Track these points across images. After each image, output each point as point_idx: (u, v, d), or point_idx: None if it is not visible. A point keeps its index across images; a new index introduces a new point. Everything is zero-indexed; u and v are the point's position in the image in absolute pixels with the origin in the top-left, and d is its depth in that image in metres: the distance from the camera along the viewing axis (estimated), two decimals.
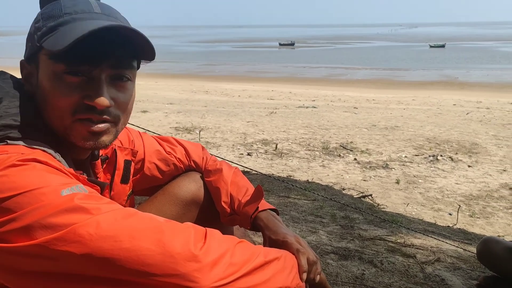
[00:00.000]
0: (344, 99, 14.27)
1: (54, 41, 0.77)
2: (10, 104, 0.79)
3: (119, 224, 0.70)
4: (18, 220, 0.67)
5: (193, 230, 0.76)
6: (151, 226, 0.72)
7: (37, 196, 0.68)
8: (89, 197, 0.72)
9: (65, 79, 0.80)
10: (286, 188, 3.73)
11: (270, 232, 1.07)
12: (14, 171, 0.70)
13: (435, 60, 35.20)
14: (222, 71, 27.49)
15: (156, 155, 1.22)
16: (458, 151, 6.76)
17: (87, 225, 0.68)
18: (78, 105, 0.81)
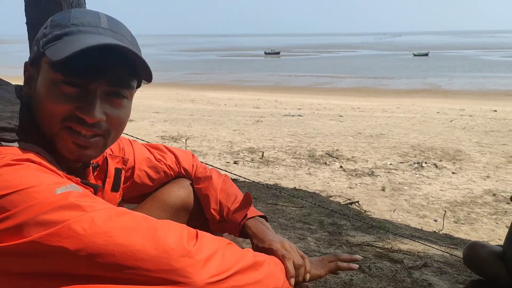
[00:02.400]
0: (329, 108, 14.39)
1: (55, 50, 0.78)
2: (5, 108, 0.80)
3: (113, 220, 0.70)
4: (12, 218, 0.67)
5: (186, 229, 0.77)
6: (144, 223, 0.73)
7: (31, 194, 0.68)
8: (83, 195, 0.73)
9: (61, 88, 0.81)
10: (273, 196, 3.74)
11: (257, 240, 1.08)
12: (8, 170, 0.70)
13: (418, 68, 35.75)
14: (208, 80, 27.51)
15: (146, 162, 1.22)
16: (442, 158, 6.86)
17: (82, 221, 0.68)
18: (70, 115, 0.81)
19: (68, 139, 0.83)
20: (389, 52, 64.13)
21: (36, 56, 0.84)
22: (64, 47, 0.78)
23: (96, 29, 0.83)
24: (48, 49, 0.80)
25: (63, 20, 0.83)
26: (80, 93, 0.81)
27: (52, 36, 0.81)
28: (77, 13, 0.84)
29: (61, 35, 0.81)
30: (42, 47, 0.81)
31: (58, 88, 0.80)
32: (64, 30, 0.81)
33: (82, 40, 0.79)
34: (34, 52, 0.84)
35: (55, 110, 0.81)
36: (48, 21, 0.85)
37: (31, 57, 0.86)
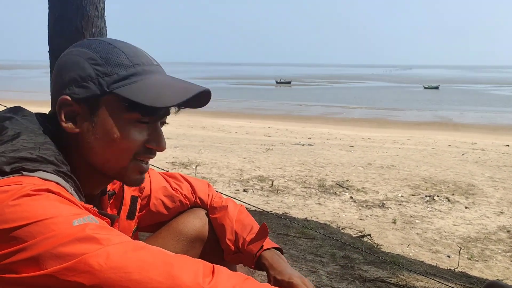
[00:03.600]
0: (340, 137, 14.38)
1: (140, 92, 0.82)
2: (27, 139, 0.80)
3: (129, 255, 0.70)
4: (29, 249, 0.67)
5: (202, 264, 0.76)
6: (160, 259, 0.72)
7: (48, 226, 0.68)
8: (100, 227, 0.73)
9: (135, 125, 0.85)
10: (284, 226, 3.70)
11: (275, 272, 1.06)
12: (27, 201, 0.70)
13: (429, 101, 35.77)
14: (219, 107, 27.74)
15: (163, 191, 1.22)
16: (455, 191, 6.76)
17: (98, 255, 0.68)
18: (140, 148, 0.87)
19: (136, 169, 0.89)
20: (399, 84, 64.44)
21: (93, 94, 0.84)
22: (151, 90, 0.83)
23: (156, 67, 0.88)
24: (120, 89, 0.83)
25: (120, 59, 0.85)
26: (149, 127, 0.87)
27: (119, 77, 0.84)
28: (127, 50, 0.87)
29: (129, 75, 0.84)
30: (108, 87, 0.83)
31: (133, 126, 0.85)
32: (129, 70, 0.84)
33: (163, 82, 0.85)
34: (88, 89, 0.83)
35: (128, 147, 0.86)
36: (92, 56, 0.85)
37: (81, 94, 0.84)
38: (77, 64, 0.84)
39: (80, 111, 0.85)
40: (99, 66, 0.84)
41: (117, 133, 0.84)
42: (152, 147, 0.88)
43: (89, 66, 0.84)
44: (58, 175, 0.80)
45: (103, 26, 2.61)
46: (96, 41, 0.88)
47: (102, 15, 2.61)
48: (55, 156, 0.81)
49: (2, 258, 0.67)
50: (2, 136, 0.79)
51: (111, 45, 0.87)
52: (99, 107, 0.84)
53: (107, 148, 0.85)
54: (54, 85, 0.88)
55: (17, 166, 0.76)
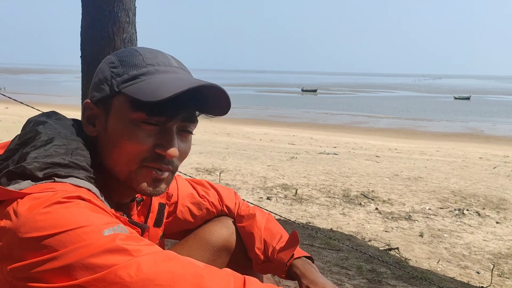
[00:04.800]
0: (365, 147, 14.19)
1: (141, 90, 0.80)
2: (60, 144, 0.81)
3: (159, 267, 0.69)
4: (60, 259, 0.66)
5: (233, 277, 0.74)
6: (191, 270, 0.71)
7: (79, 235, 0.68)
8: (130, 238, 0.72)
9: (142, 127, 0.82)
10: (309, 236, 3.65)
11: (307, 281, 1.04)
12: (58, 208, 0.70)
13: (459, 112, 34.98)
14: (244, 114, 27.84)
15: (190, 198, 1.21)
16: (486, 206, 6.55)
17: (128, 266, 0.67)
18: (149, 153, 0.83)
19: (146, 176, 0.85)
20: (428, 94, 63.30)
21: (106, 95, 0.84)
22: (151, 87, 0.79)
23: (171, 68, 0.85)
24: (127, 88, 0.81)
25: (136, 60, 0.84)
26: (158, 130, 0.83)
27: (129, 76, 0.82)
28: (147, 53, 0.86)
29: (139, 75, 0.82)
30: (117, 86, 0.82)
31: (139, 127, 0.82)
32: (141, 70, 0.82)
33: (167, 79, 0.81)
34: (101, 91, 0.84)
35: (135, 149, 0.83)
36: (112, 59, 0.86)
37: (97, 97, 0.85)
38: (100, 69, 0.86)
39: (99, 114, 0.86)
40: (115, 68, 0.84)
41: (123, 134, 0.82)
42: (160, 151, 0.84)
43: (107, 69, 0.85)
44: (89, 181, 0.80)
45: (134, 32, 2.66)
46: (127, 48, 0.89)
47: (133, 21, 2.65)
48: (86, 162, 0.81)
49: (32, 267, 0.67)
50: (36, 141, 0.80)
51: (136, 50, 0.87)
52: (111, 107, 0.84)
53: (115, 150, 0.84)
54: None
55: (50, 172, 0.76)
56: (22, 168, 0.76)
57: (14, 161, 0.78)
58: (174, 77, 0.82)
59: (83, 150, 0.83)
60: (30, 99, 5.13)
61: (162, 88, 0.78)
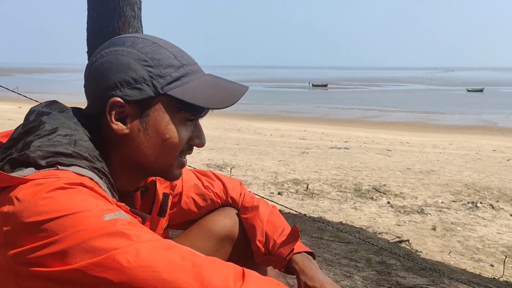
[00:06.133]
0: (377, 141, 14.09)
1: (193, 94, 0.86)
2: (64, 134, 0.81)
3: (159, 254, 0.69)
4: (60, 242, 0.67)
5: (233, 268, 0.74)
6: (190, 259, 0.71)
7: (80, 219, 0.68)
8: (130, 223, 0.72)
9: (184, 124, 0.89)
10: (318, 229, 3.64)
11: (306, 278, 1.03)
12: (60, 194, 0.70)
13: (472, 104, 34.55)
14: (254, 110, 27.84)
15: (194, 189, 1.21)
16: (499, 199, 6.47)
17: (127, 252, 0.67)
18: (185, 146, 0.91)
19: (179, 165, 0.93)
20: (441, 87, 62.60)
21: (148, 96, 0.85)
22: (200, 90, 0.87)
23: (197, 66, 0.91)
24: (174, 91, 0.85)
25: (169, 60, 0.87)
26: (192, 125, 0.91)
27: (172, 78, 0.86)
28: (174, 51, 0.89)
29: (180, 76, 0.87)
30: (162, 88, 0.85)
31: (183, 125, 0.89)
32: (180, 71, 0.87)
33: (211, 83, 0.89)
34: (142, 92, 0.85)
35: (179, 145, 0.89)
36: (143, 57, 0.85)
37: (135, 96, 0.85)
38: (127, 65, 0.84)
39: (131, 112, 0.86)
40: (151, 68, 0.85)
41: (170, 132, 0.87)
42: (195, 143, 0.92)
43: (141, 68, 0.84)
44: (92, 171, 0.80)
45: (140, 27, 2.66)
46: (139, 40, 0.88)
47: (138, 16, 2.66)
48: (89, 153, 0.82)
49: (32, 251, 0.67)
50: (40, 130, 0.81)
51: (155, 44, 0.88)
52: (150, 108, 0.85)
53: (159, 147, 0.87)
54: (97, 85, 0.87)
55: (53, 160, 0.77)
56: (26, 156, 0.76)
57: (17, 149, 0.79)
58: (215, 81, 0.90)
59: (86, 141, 0.83)
60: (43, 97, 5.24)
61: (218, 94, 0.87)
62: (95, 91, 0.87)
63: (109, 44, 0.89)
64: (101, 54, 0.88)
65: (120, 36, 0.91)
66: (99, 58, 0.87)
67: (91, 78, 0.88)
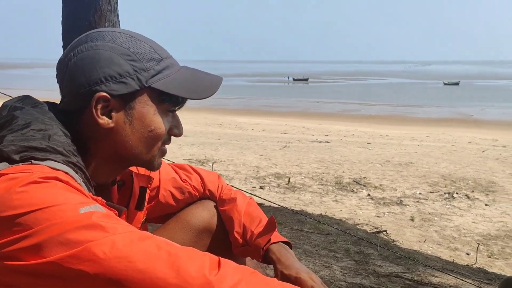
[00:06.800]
0: (357, 135, 14.24)
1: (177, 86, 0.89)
2: (37, 129, 0.81)
3: (135, 245, 0.70)
4: (34, 236, 0.67)
5: (208, 257, 0.75)
6: (166, 249, 0.72)
7: (55, 213, 0.68)
8: (107, 216, 0.73)
9: (166, 115, 0.92)
10: (299, 221, 3.68)
11: (282, 266, 1.05)
12: (35, 188, 0.70)
13: (449, 97, 35.16)
14: (236, 105, 27.76)
15: (172, 182, 1.22)
16: (475, 189, 6.64)
17: (103, 244, 0.67)
18: (166, 136, 0.93)
19: (160, 155, 0.96)
20: (418, 80, 63.49)
21: (134, 90, 0.86)
22: (182, 82, 0.90)
23: (174, 59, 0.94)
24: (158, 83, 0.88)
25: (150, 53, 0.89)
26: (172, 115, 0.94)
27: (155, 71, 0.88)
28: (153, 44, 0.91)
29: (161, 69, 0.89)
30: (146, 82, 0.87)
31: (165, 116, 0.91)
32: (160, 64, 0.90)
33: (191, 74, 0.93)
34: (127, 85, 0.86)
35: (161, 136, 0.92)
36: (125, 51, 0.86)
37: (120, 91, 0.85)
38: (110, 60, 0.84)
39: (116, 106, 0.86)
40: (135, 62, 0.86)
41: (155, 124, 0.89)
42: (174, 133, 0.95)
43: (125, 62, 0.85)
44: (67, 165, 0.80)
45: (116, 21, 2.63)
46: (118, 34, 0.88)
47: (115, 10, 2.62)
48: (64, 147, 0.81)
49: (7, 245, 0.67)
50: (13, 125, 0.80)
51: (134, 38, 0.89)
52: (135, 101, 0.87)
53: (144, 139, 0.89)
54: (77, 80, 0.85)
55: (27, 155, 0.76)
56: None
57: None
58: (193, 73, 0.94)
59: (60, 136, 0.83)
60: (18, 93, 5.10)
61: (200, 85, 0.92)
62: (74, 86, 0.86)
63: (87, 38, 0.88)
64: (79, 49, 0.86)
65: (95, 30, 0.90)
66: (77, 53, 0.86)
67: (69, 74, 0.86)
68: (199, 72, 0.95)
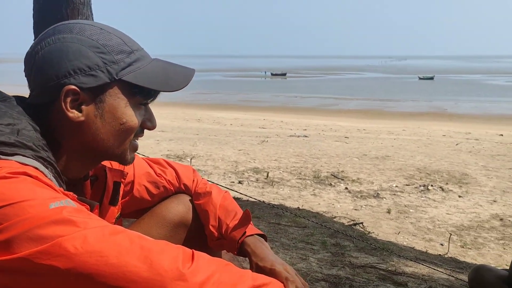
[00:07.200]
0: (335, 129, 14.39)
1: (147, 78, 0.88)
2: (5, 123, 0.79)
3: (107, 239, 0.69)
4: (3, 232, 0.66)
5: (182, 250, 0.75)
6: (138, 243, 0.72)
7: (24, 208, 0.67)
8: (78, 211, 0.72)
9: (138, 108, 0.91)
10: (276, 215, 3.71)
11: (257, 259, 1.05)
12: (3, 183, 0.69)
13: (424, 91, 35.81)
14: (214, 100, 27.64)
15: (146, 177, 1.21)
16: (449, 181, 6.79)
17: (74, 238, 0.67)
18: (138, 129, 0.92)
19: (133, 149, 0.94)
20: (394, 75, 64.40)
21: (103, 82, 0.85)
22: (153, 75, 0.89)
23: (145, 51, 0.93)
24: (128, 76, 0.87)
25: (120, 46, 0.88)
26: (145, 108, 0.93)
27: (125, 64, 0.87)
28: (123, 37, 0.90)
29: (132, 62, 0.88)
30: (117, 74, 0.86)
31: (137, 109, 0.90)
32: (131, 56, 0.89)
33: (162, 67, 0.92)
34: (97, 78, 0.84)
35: (133, 129, 0.90)
36: (94, 43, 0.85)
37: (90, 84, 0.84)
38: (79, 53, 0.83)
39: (86, 99, 0.85)
40: (104, 54, 0.84)
41: (126, 117, 0.88)
42: (147, 126, 0.94)
43: (94, 55, 0.84)
44: (37, 160, 0.79)
45: (90, 14, 2.58)
46: (86, 26, 0.87)
47: (87, 2, 2.56)
48: (33, 142, 0.80)
49: None
50: None
51: (103, 30, 0.87)
52: (105, 94, 0.86)
53: (115, 132, 0.88)
54: (45, 73, 0.84)
55: None
56: None
57: None
58: (165, 65, 0.93)
59: (30, 131, 0.81)
60: None
61: (172, 77, 0.91)
62: (43, 80, 0.84)
63: (54, 31, 0.86)
64: (46, 41, 0.85)
65: (63, 23, 0.89)
66: (45, 46, 0.85)
67: (37, 67, 0.85)
68: (171, 64, 0.94)
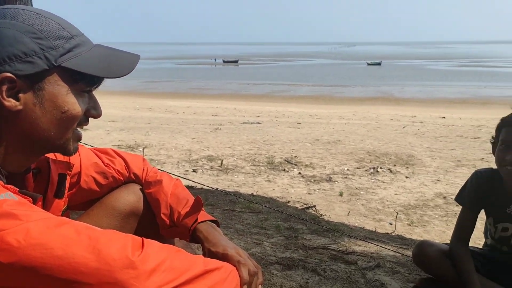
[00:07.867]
0: (287, 115, 14.57)
1: (89, 64, 0.85)
2: None
3: (51, 231, 0.67)
4: None
5: (131, 238, 0.75)
6: (85, 234, 0.70)
7: None
8: (19, 204, 0.70)
9: (81, 96, 0.87)
10: (231, 202, 3.73)
11: (209, 244, 1.06)
12: None
13: (372, 77, 36.92)
14: (165, 88, 27.16)
15: (94, 168, 1.18)
16: (396, 163, 7.07)
17: (16, 232, 0.65)
18: (81, 118, 0.89)
19: (75, 138, 0.91)
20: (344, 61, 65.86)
21: (41, 69, 0.81)
22: (95, 61, 0.86)
23: (86, 37, 0.90)
24: (68, 62, 0.83)
25: (58, 31, 0.84)
26: (88, 96, 0.90)
27: (64, 50, 0.83)
28: (61, 22, 0.86)
29: (72, 47, 0.85)
30: (56, 61, 0.81)
31: (79, 96, 0.87)
32: (70, 42, 0.85)
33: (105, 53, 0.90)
34: (34, 65, 0.80)
35: (76, 117, 0.87)
36: (30, 29, 0.81)
37: (27, 71, 0.80)
38: (13, 38, 0.79)
39: (24, 87, 0.81)
40: (41, 40, 0.80)
41: (68, 105, 0.84)
42: (92, 114, 0.91)
43: (30, 41, 0.80)
44: None
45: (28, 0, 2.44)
46: (21, 11, 0.83)
47: None
48: None
49: None
50: None
51: (40, 15, 0.83)
52: (44, 81, 0.82)
53: (56, 121, 0.84)
54: None
55: None
56: None
57: None
58: (108, 51, 0.91)
59: None
60: None
61: (114, 63, 0.88)
62: None
63: None
64: None
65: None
66: None
67: None
68: (114, 50, 0.92)
